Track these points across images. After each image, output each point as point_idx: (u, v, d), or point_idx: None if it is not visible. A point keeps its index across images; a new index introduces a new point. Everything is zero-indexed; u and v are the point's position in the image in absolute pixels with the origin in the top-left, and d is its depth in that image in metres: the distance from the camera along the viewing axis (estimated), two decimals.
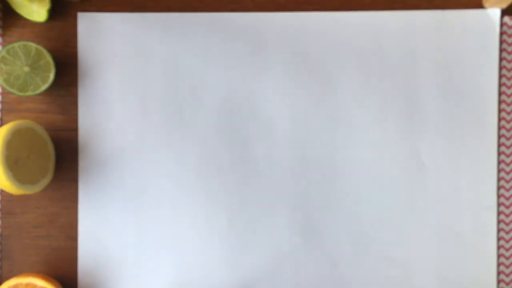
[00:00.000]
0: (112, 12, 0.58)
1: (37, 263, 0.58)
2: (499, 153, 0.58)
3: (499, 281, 0.58)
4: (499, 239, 0.58)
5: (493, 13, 0.58)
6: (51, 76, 0.56)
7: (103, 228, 0.58)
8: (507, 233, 0.58)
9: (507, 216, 0.58)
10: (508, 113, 0.58)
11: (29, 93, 0.56)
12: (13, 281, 0.54)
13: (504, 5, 0.57)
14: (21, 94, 0.55)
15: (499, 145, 0.58)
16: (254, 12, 0.58)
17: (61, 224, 0.58)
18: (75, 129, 0.58)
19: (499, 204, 0.58)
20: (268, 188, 0.58)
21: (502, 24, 0.58)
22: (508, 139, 0.58)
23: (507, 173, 0.58)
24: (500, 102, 0.58)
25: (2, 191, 0.58)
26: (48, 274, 0.57)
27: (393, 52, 0.58)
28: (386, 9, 0.59)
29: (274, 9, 0.58)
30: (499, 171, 0.58)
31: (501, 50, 0.59)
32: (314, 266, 0.58)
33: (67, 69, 0.58)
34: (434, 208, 0.58)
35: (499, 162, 0.58)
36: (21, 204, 0.58)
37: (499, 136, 0.58)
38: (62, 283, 0.57)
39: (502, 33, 0.59)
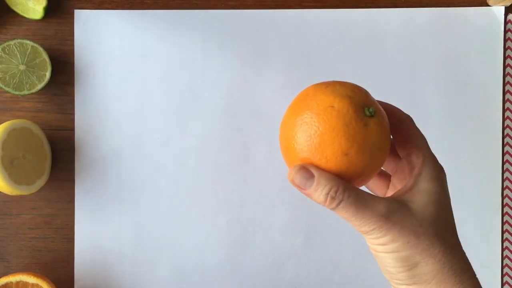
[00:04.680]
0: (109, 10, 0.57)
1: (33, 265, 0.57)
2: (503, 153, 0.57)
3: (503, 284, 0.57)
4: (503, 240, 0.57)
5: (497, 10, 0.58)
6: (47, 74, 0.55)
7: (100, 229, 0.57)
8: None
9: (511, 217, 0.57)
10: None
11: (25, 92, 0.55)
12: (3, 280, 0.53)
13: (508, 2, 0.57)
14: (17, 93, 0.55)
15: (503, 145, 0.57)
16: (254, 9, 0.57)
17: (57, 225, 0.57)
18: (71, 129, 0.57)
19: (503, 205, 0.57)
20: (268, 188, 0.57)
21: (506, 22, 0.58)
22: None
23: None
24: (504, 101, 0.58)
25: None
26: (44, 275, 0.56)
27: (395, 50, 0.57)
28: (389, 6, 0.58)
29: (274, 6, 0.58)
30: (503, 171, 0.57)
31: (506, 48, 0.58)
32: (315, 267, 0.57)
33: (63, 68, 0.57)
34: None
35: (503, 162, 0.57)
36: (17, 205, 0.57)
37: (504, 136, 0.58)
38: (58, 285, 0.56)
39: (506, 30, 0.58)
